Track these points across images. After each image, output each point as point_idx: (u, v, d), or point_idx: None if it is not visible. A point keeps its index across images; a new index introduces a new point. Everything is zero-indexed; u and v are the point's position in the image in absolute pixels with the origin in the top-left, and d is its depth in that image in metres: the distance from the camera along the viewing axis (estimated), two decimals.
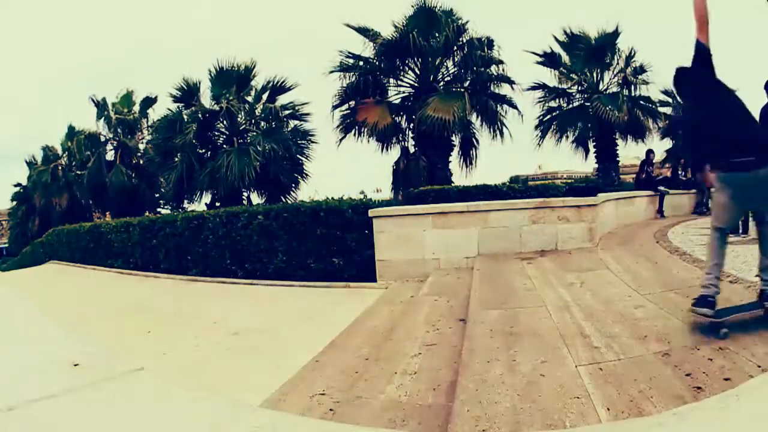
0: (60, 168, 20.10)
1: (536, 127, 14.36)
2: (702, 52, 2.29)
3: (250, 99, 12.34)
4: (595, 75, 13.62)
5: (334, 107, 12.30)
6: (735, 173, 2.15)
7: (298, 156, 12.24)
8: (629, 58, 13.40)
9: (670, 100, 16.20)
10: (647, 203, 8.47)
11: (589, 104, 13.22)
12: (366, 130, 11.81)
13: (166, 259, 7.79)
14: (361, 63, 12.06)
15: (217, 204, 11.40)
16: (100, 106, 16.51)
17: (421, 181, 11.04)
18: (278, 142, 11.28)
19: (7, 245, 29.80)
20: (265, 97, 12.16)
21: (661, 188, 8.79)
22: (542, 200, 5.39)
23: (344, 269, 5.75)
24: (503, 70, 12.30)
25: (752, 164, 2.07)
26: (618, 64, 13.53)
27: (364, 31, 11.95)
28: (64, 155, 20.21)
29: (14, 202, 24.12)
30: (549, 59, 13.85)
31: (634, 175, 10.39)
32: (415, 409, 2.06)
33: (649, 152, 10.04)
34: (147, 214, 14.71)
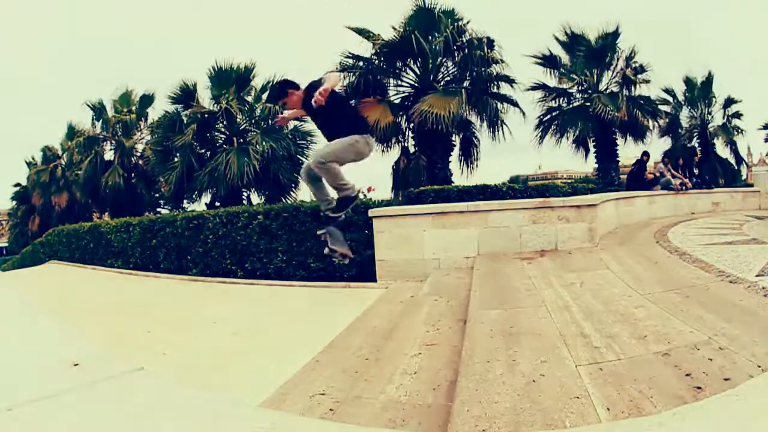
0: (59, 168, 20.10)
1: (536, 127, 14.37)
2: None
3: (249, 99, 12.34)
4: (595, 75, 13.63)
5: None
6: None
7: (298, 156, 12.24)
8: (629, 58, 13.41)
9: (670, 99, 16.23)
10: (647, 203, 8.48)
11: (589, 104, 13.23)
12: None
13: (166, 259, 7.79)
14: (361, 63, 12.05)
15: (217, 204, 11.39)
16: (97, 110, 16.48)
17: (421, 181, 11.04)
18: (277, 142, 11.28)
19: (7, 245, 29.83)
20: (264, 97, 12.16)
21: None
22: (542, 200, 5.39)
23: (344, 269, 5.75)
24: (503, 70, 12.30)
25: None
26: (618, 64, 13.55)
27: (365, 34, 11.94)
28: (64, 155, 20.21)
29: (14, 202, 24.14)
30: (549, 61, 13.86)
31: None
32: (415, 409, 2.06)
33: (644, 154, 10.17)
34: (147, 214, 14.71)
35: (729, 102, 15.94)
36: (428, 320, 3.27)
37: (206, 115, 11.61)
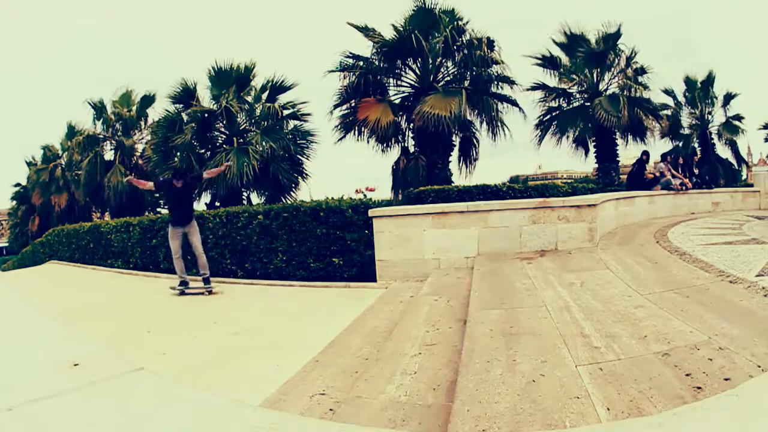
0: (60, 168, 20.10)
1: (536, 127, 14.39)
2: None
3: (249, 99, 12.33)
4: (595, 75, 13.63)
5: (335, 107, 12.31)
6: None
7: (298, 156, 12.24)
8: (630, 58, 13.41)
9: (671, 100, 16.24)
10: (647, 203, 8.48)
11: (589, 104, 13.23)
12: (366, 129, 11.81)
13: (166, 259, 7.78)
14: (361, 63, 12.06)
15: (217, 204, 11.39)
16: (98, 109, 16.46)
17: (421, 181, 11.04)
18: (277, 141, 11.27)
19: (7, 245, 29.86)
20: (264, 96, 12.15)
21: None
22: (542, 200, 5.39)
23: (344, 269, 5.75)
24: (503, 70, 12.30)
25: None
26: (619, 64, 13.55)
27: (366, 31, 11.93)
28: (64, 155, 20.20)
29: (14, 202, 24.15)
30: (549, 62, 13.87)
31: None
32: (415, 409, 2.06)
33: (644, 153, 10.18)
34: (147, 213, 14.71)
35: (729, 97, 15.95)
36: (428, 320, 3.27)
37: (206, 115, 11.60)
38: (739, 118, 16.00)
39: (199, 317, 4.50)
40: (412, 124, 11.87)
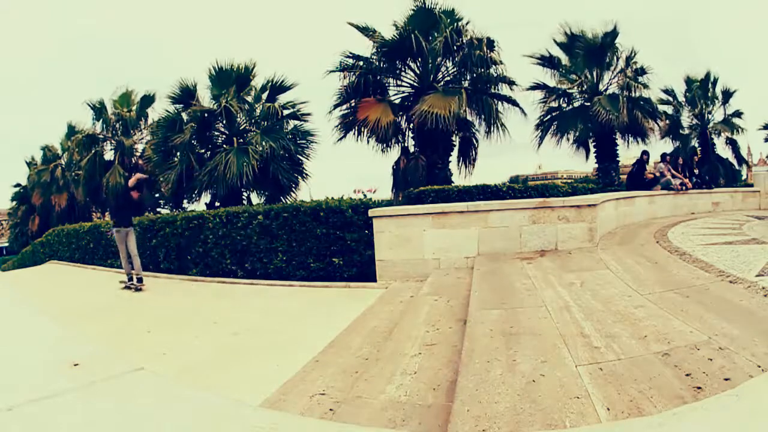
0: (60, 168, 20.09)
1: (536, 128, 14.40)
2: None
3: (249, 99, 12.32)
4: (595, 75, 13.63)
5: (335, 107, 12.32)
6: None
7: (298, 156, 12.24)
8: (629, 58, 13.42)
9: (671, 99, 16.23)
10: (647, 203, 8.48)
11: (589, 104, 13.23)
12: (366, 129, 11.81)
13: (166, 259, 7.80)
14: (361, 63, 12.06)
15: (217, 204, 11.39)
16: (97, 109, 16.43)
17: (421, 181, 11.04)
18: (277, 141, 11.27)
19: (7, 245, 29.85)
20: (264, 96, 12.14)
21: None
22: (542, 200, 5.39)
23: (344, 269, 5.75)
24: (503, 71, 12.30)
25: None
26: (618, 64, 13.56)
27: (366, 30, 11.94)
28: (64, 155, 20.20)
29: (14, 202, 24.13)
30: (548, 62, 13.88)
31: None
32: (415, 409, 2.06)
33: (644, 153, 10.18)
34: (147, 214, 14.70)
35: (727, 94, 15.95)
36: (428, 320, 3.27)
37: (206, 114, 11.60)
38: (738, 114, 15.99)
39: (199, 317, 4.50)
40: (412, 124, 11.87)
